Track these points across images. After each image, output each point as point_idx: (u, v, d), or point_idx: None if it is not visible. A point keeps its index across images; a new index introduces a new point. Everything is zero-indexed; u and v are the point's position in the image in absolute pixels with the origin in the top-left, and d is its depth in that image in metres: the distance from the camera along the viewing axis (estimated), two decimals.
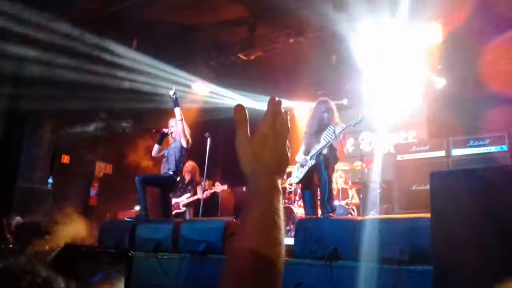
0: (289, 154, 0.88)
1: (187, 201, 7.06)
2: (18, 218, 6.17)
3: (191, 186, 7.16)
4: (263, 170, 0.81)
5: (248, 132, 0.84)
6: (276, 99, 0.90)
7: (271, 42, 8.00)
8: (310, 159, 4.68)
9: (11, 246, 5.84)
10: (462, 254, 2.33)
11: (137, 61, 7.77)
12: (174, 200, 7.13)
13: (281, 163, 0.84)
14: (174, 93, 5.72)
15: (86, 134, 8.37)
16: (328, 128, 4.71)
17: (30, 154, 7.03)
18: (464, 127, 6.81)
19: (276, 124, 0.85)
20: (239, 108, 0.86)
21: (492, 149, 5.66)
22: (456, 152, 5.97)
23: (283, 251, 0.78)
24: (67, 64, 7.14)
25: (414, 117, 8.53)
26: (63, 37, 6.81)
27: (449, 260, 2.39)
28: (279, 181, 0.83)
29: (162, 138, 5.89)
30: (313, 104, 5.21)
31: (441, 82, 7.96)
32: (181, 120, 5.71)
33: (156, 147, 5.90)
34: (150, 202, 5.53)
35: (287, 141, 0.87)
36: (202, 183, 6.78)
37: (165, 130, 5.86)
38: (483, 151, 5.72)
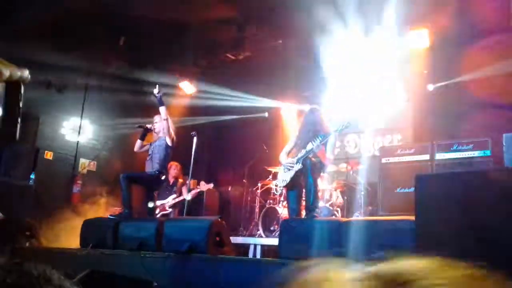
0: None
1: (173, 202, 7.01)
2: None
3: (176, 187, 7.11)
4: None
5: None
6: None
7: (260, 42, 8.01)
8: (296, 163, 4.65)
9: None
10: (444, 254, 2.36)
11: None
12: (159, 202, 7.07)
13: None
14: (159, 92, 5.55)
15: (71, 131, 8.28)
16: (319, 136, 4.69)
17: (12, 149, 6.89)
18: (449, 131, 6.91)
19: None
20: None
21: (475, 153, 5.73)
22: (440, 156, 6.03)
23: None
24: None
25: (400, 121, 8.60)
26: None
27: None
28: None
29: (145, 134, 5.78)
30: (300, 106, 5.16)
31: (427, 87, 8.05)
32: (167, 119, 5.62)
33: (138, 142, 5.78)
34: (134, 200, 5.47)
35: None
36: (187, 182, 6.72)
37: (148, 126, 5.75)
38: (466, 156, 5.79)
